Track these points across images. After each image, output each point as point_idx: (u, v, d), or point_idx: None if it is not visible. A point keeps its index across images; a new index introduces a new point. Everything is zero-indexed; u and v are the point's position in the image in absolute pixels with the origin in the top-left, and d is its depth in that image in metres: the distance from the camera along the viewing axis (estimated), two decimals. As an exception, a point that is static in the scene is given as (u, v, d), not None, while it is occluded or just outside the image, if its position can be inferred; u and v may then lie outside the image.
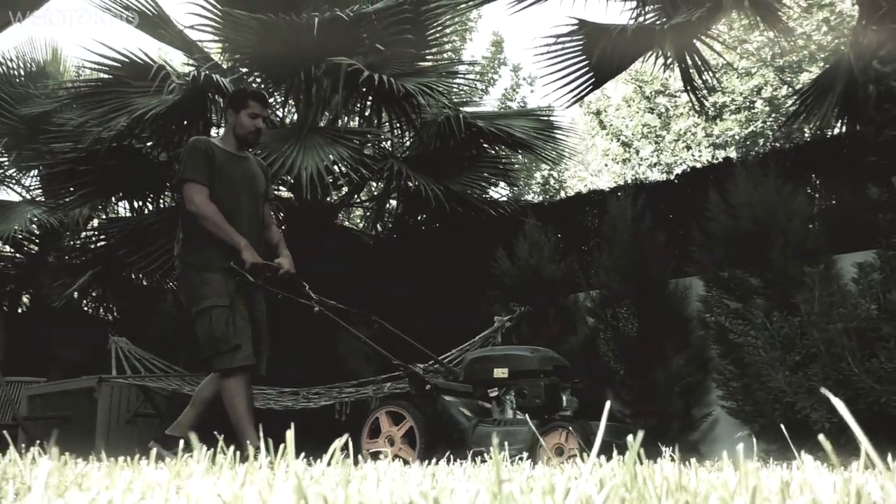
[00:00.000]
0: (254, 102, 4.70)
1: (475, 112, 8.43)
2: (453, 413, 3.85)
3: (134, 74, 7.18)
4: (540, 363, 3.92)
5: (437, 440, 3.82)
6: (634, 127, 17.04)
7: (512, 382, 3.89)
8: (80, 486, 1.15)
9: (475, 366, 4.03)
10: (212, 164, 4.48)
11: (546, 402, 3.78)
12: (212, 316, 4.33)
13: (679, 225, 6.56)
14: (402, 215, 8.21)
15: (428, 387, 3.92)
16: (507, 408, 3.90)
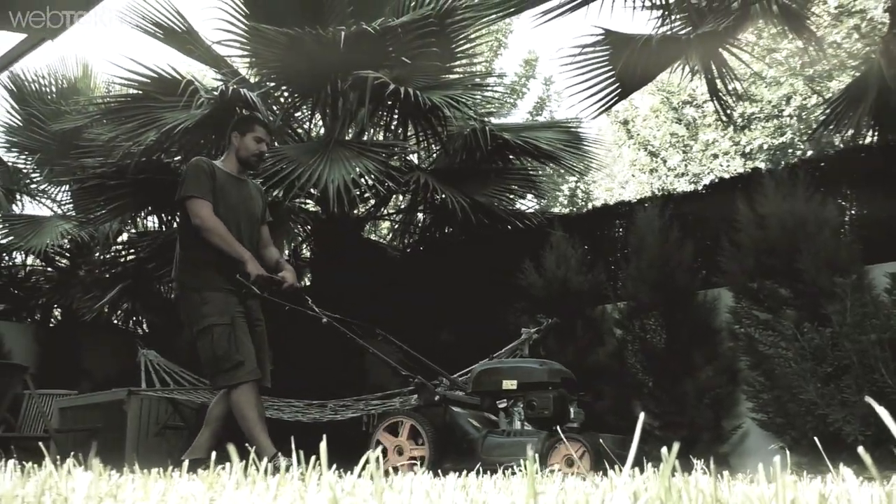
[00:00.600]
0: (260, 128, 4.83)
1: (501, 124, 8.45)
2: (462, 424, 3.90)
3: (163, 90, 7.26)
4: (548, 375, 3.97)
5: (447, 450, 3.86)
6: (662, 137, 16.96)
7: (521, 394, 3.94)
8: (115, 497, 1.16)
9: (484, 377, 4.07)
10: (213, 183, 4.57)
11: (554, 414, 3.83)
12: (213, 334, 4.40)
13: (707, 236, 6.51)
14: (429, 227, 8.22)
15: (437, 398, 3.94)
16: (516, 419, 3.95)
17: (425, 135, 7.94)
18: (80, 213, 8.45)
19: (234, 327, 4.42)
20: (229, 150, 4.86)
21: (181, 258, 4.68)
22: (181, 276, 4.66)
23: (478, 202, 6.95)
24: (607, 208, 7.55)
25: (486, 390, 4.03)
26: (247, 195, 4.79)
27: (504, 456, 3.72)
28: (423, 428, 3.83)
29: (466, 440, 3.83)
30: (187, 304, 4.58)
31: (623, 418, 6.16)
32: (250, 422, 4.34)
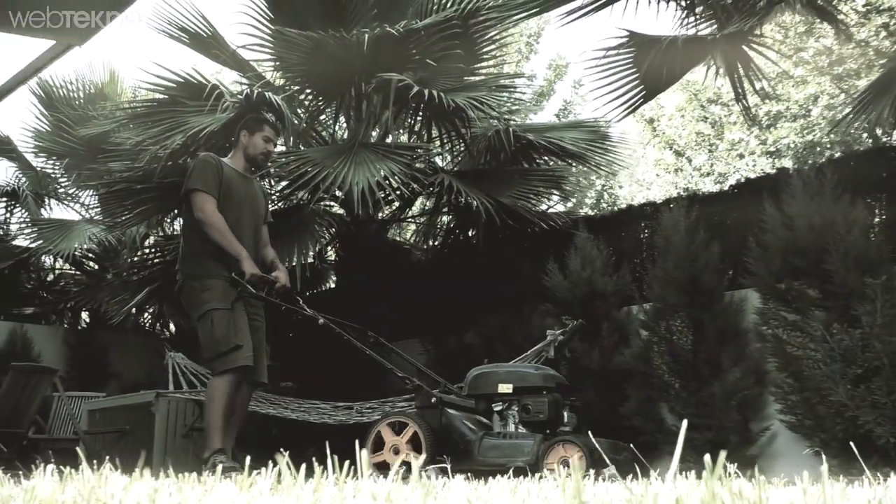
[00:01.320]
0: (269, 128, 4.97)
1: (525, 124, 8.43)
2: (458, 426, 3.96)
3: (189, 94, 7.32)
4: (543, 380, 4.04)
5: (442, 452, 3.89)
6: (687, 136, 16.86)
7: (516, 398, 3.99)
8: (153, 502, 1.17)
9: (479, 381, 4.13)
10: (220, 178, 4.70)
11: (549, 418, 3.89)
12: (213, 318, 4.53)
13: (734, 236, 6.46)
14: (453, 230, 8.22)
15: (433, 399, 3.98)
16: (510, 422, 4.00)
17: (449, 136, 7.95)
18: (107, 218, 8.52)
19: (233, 312, 4.54)
20: (237, 148, 4.97)
21: (184, 250, 4.84)
22: (183, 266, 4.82)
23: (502, 204, 6.94)
24: (632, 209, 7.53)
25: (482, 393, 4.10)
26: (252, 193, 4.92)
27: (501, 458, 3.78)
28: (424, 436, 3.87)
29: (463, 442, 3.89)
30: (188, 292, 4.74)
31: (649, 420, 6.13)
32: (215, 413, 4.47)
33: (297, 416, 6.12)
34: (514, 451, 3.77)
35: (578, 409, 4.12)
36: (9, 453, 7.06)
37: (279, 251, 7.11)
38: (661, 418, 6.17)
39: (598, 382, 6.42)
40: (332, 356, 7.56)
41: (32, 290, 11.57)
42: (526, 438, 3.81)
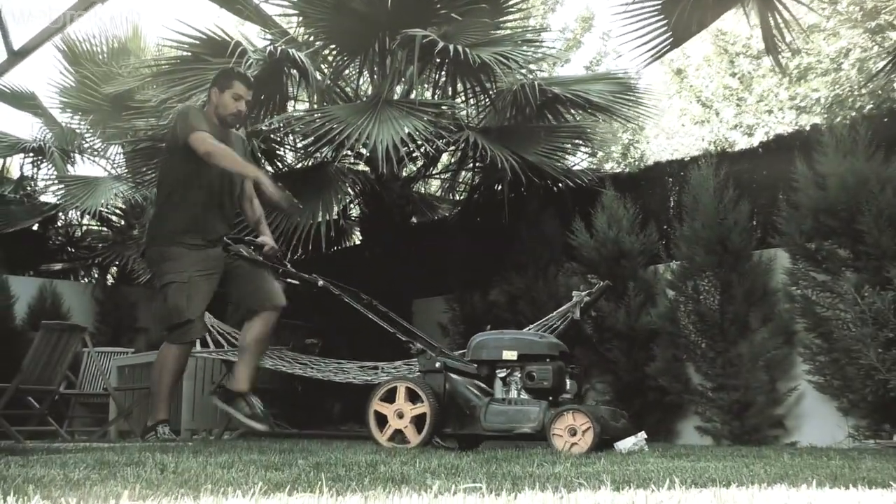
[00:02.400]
0: (239, 84, 4.81)
1: (551, 78, 8.30)
2: (463, 391, 3.97)
3: (212, 51, 7.26)
4: (548, 348, 4.03)
5: (447, 416, 3.94)
6: (715, 88, 16.56)
7: (520, 364, 3.98)
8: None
9: (483, 347, 4.11)
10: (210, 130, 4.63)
11: (553, 385, 3.89)
12: (167, 292, 4.63)
13: (763, 195, 6.36)
14: (478, 186, 8.16)
15: (437, 364, 3.98)
16: (513, 388, 3.99)
17: (474, 92, 7.85)
18: (132, 175, 8.53)
19: (189, 285, 4.60)
20: (208, 105, 4.88)
21: (154, 212, 4.91)
22: (150, 228, 4.89)
23: (528, 161, 6.86)
24: (659, 166, 7.41)
25: (485, 359, 4.09)
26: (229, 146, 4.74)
27: (507, 423, 3.79)
28: (421, 389, 3.91)
29: (469, 407, 3.91)
30: (150, 258, 4.81)
31: (675, 380, 6.11)
32: (163, 384, 4.66)
33: (322, 375, 6.15)
34: (520, 418, 3.79)
35: (579, 376, 4.14)
36: (41, 410, 7.19)
37: (303, 208, 7.14)
38: (687, 378, 6.14)
39: (625, 342, 6.40)
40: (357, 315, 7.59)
41: (60, 246, 11.68)
42: (532, 405, 3.82)
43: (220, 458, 2.33)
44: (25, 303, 10.05)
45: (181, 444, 3.64)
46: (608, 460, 2.52)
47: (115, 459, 2.12)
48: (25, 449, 3.51)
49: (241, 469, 2.00)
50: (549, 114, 7.98)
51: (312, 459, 2.31)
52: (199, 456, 2.43)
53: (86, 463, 2.04)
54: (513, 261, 7.23)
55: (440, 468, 2.10)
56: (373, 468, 2.08)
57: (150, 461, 2.09)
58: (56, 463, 2.02)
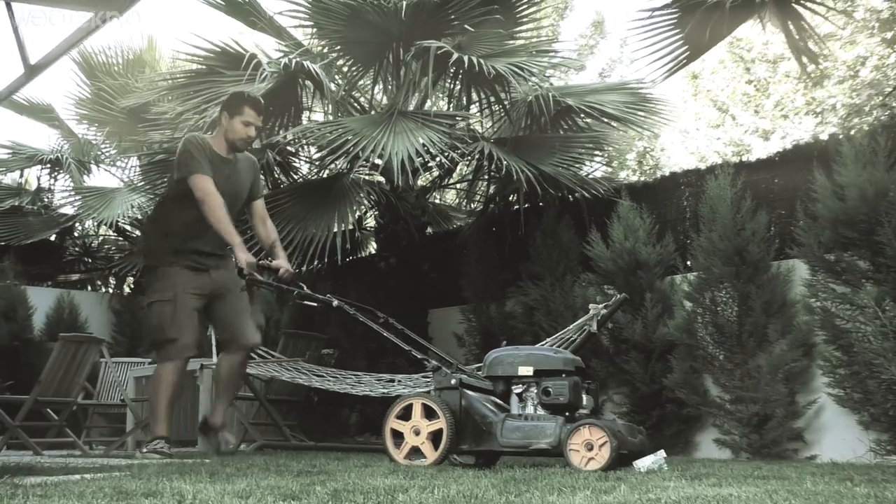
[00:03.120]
0: (249, 110, 4.93)
1: (565, 88, 8.27)
2: (479, 407, 3.94)
3: (227, 64, 7.29)
4: (563, 363, 3.98)
5: (464, 432, 3.90)
6: (731, 92, 16.46)
7: (536, 380, 3.95)
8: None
9: (499, 363, 4.08)
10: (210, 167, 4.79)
11: (570, 400, 3.85)
12: (154, 310, 4.76)
13: (781, 205, 6.32)
14: (493, 197, 8.14)
15: (453, 381, 3.96)
16: (529, 404, 3.96)
17: (489, 102, 7.84)
18: (148, 188, 8.56)
19: (174, 304, 4.72)
20: (219, 129, 4.99)
21: (149, 229, 5.12)
22: (143, 247, 5.04)
23: (543, 171, 6.84)
24: (676, 176, 7.37)
25: (501, 375, 4.06)
26: (234, 178, 4.95)
27: (524, 439, 3.76)
28: (437, 404, 3.88)
29: (485, 423, 3.87)
30: (146, 277, 4.97)
31: (693, 392, 6.07)
32: (160, 401, 4.72)
33: (339, 388, 6.15)
34: (536, 434, 3.75)
35: (595, 391, 4.10)
36: (59, 421, 7.22)
37: (319, 220, 7.15)
38: (705, 390, 6.10)
39: (642, 354, 6.37)
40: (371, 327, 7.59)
41: (77, 257, 11.74)
42: (548, 420, 3.78)
43: (237, 484, 2.32)
44: (43, 313, 10.11)
45: (198, 464, 3.64)
46: (628, 485, 2.50)
47: (132, 488, 2.11)
48: (44, 468, 3.52)
49: (259, 498, 1.99)
50: (564, 123, 7.96)
51: (330, 486, 2.29)
52: (216, 482, 2.42)
53: (104, 492, 2.04)
54: (529, 271, 7.21)
55: (459, 497, 2.08)
56: (391, 497, 2.07)
57: (167, 490, 2.09)
58: (74, 493, 2.01)
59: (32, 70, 7.95)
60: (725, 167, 6.40)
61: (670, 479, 2.86)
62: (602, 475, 3.05)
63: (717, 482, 2.73)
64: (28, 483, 2.48)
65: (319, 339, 7.42)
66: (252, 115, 4.90)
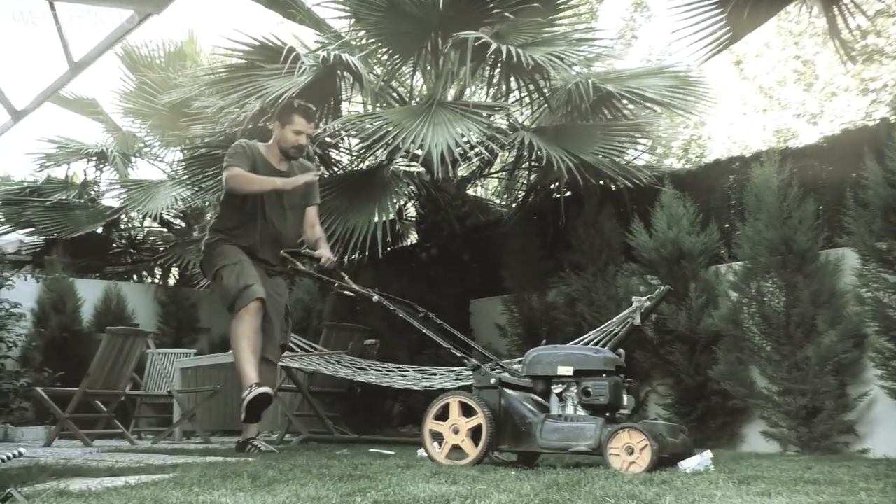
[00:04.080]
0: (299, 119, 5.04)
1: (605, 74, 8.16)
2: (518, 407, 3.89)
3: (266, 58, 7.31)
4: (603, 363, 3.91)
5: (503, 432, 3.87)
6: (777, 75, 16.12)
7: (575, 380, 3.89)
8: None
9: (538, 362, 4.02)
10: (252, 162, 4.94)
11: (610, 401, 3.79)
12: (222, 274, 4.88)
13: (830, 192, 6.16)
14: (534, 186, 8.07)
15: (493, 381, 3.92)
16: (569, 404, 3.90)
17: (528, 91, 7.75)
18: (190, 181, 8.64)
19: (241, 264, 4.86)
20: (273, 138, 5.14)
21: (212, 224, 5.19)
22: (206, 238, 5.13)
23: (584, 160, 6.75)
24: (720, 164, 7.23)
25: (540, 375, 4.00)
26: None
27: (563, 441, 3.71)
28: (474, 401, 3.86)
29: (524, 424, 3.83)
30: (205, 261, 5.10)
31: (739, 384, 5.97)
32: (240, 352, 4.77)
33: (382, 381, 6.16)
34: (576, 435, 3.70)
35: (636, 391, 4.03)
36: (108, 413, 7.35)
37: (360, 211, 7.16)
38: (751, 382, 6.00)
39: (686, 345, 6.28)
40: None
41: (123, 249, 11.91)
42: (588, 422, 3.73)
43: (278, 495, 2.31)
44: (92, 305, 10.27)
45: (242, 464, 3.66)
46: (674, 494, 2.45)
47: (172, 501, 2.11)
48: (90, 469, 3.57)
49: (299, 514, 1.98)
50: (605, 110, 7.85)
51: (371, 497, 2.28)
52: (256, 492, 2.42)
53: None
54: (570, 261, 7.14)
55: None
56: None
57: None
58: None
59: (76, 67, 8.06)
60: (771, 154, 6.25)
61: (717, 483, 2.81)
62: (647, 479, 3.00)
63: (765, 489, 2.67)
64: (72, 490, 2.51)
65: (362, 330, 7.44)
66: (302, 123, 5.01)
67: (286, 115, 5.04)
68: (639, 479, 2.96)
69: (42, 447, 6.41)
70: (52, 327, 9.67)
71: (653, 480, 2.94)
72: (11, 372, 8.56)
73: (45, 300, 9.84)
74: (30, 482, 2.82)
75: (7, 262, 9.11)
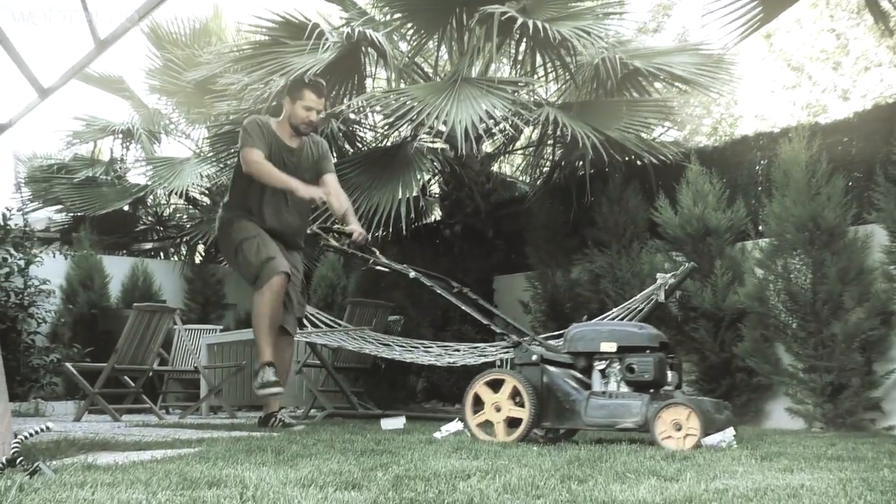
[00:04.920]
0: (309, 94, 5.00)
1: (632, 50, 8.07)
2: (561, 384, 3.84)
3: (290, 34, 7.29)
4: (648, 339, 3.87)
5: (546, 410, 3.83)
6: (808, 51, 15.86)
7: (619, 356, 3.85)
8: None
9: (581, 338, 3.97)
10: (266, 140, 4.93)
11: (655, 378, 3.75)
12: (243, 248, 4.91)
13: (858, 168, 6.08)
14: (559, 163, 8.03)
15: (535, 357, 3.88)
16: (612, 381, 3.86)
17: (554, 66, 7.69)
18: (216, 158, 8.67)
19: (260, 236, 4.90)
20: (283, 114, 5.11)
21: (225, 202, 5.24)
22: (221, 215, 5.18)
23: (609, 137, 6.70)
24: (747, 140, 7.15)
25: (583, 351, 3.96)
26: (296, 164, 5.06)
27: (609, 418, 3.68)
28: (526, 390, 3.80)
29: (568, 401, 3.79)
30: (222, 238, 5.16)
31: (765, 361, 5.93)
32: (260, 327, 4.84)
33: (406, 357, 6.18)
34: (622, 412, 3.68)
35: (678, 367, 3.99)
36: (135, 388, 7.44)
37: (384, 188, 7.16)
38: (777, 359, 5.96)
39: (711, 322, 6.25)
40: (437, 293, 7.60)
41: (150, 226, 12.01)
42: (634, 399, 3.70)
43: (301, 469, 2.34)
44: (119, 282, 10.38)
45: (266, 438, 3.70)
46: (695, 470, 2.45)
47: (197, 476, 2.14)
48: (117, 443, 3.62)
49: (321, 487, 2.00)
50: (631, 88, 7.78)
51: (392, 471, 2.30)
52: (280, 466, 2.45)
53: (169, 480, 2.08)
54: (595, 238, 7.11)
55: (520, 485, 2.06)
56: (452, 485, 2.06)
57: (230, 478, 2.11)
58: (141, 481, 2.05)
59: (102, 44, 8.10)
60: (800, 129, 6.17)
61: (739, 460, 2.80)
62: (668, 454, 3.00)
63: (788, 465, 2.66)
64: (99, 463, 2.55)
65: (386, 306, 7.46)
66: (313, 98, 4.96)
67: (296, 91, 5.01)
68: (660, 455, 2.96)
69: (72, 422, 6.51)
70: (80, 304, 9.79)
71: (674, 456, 2.94)
72: (41, 348, 8.69)
73: (74, 277, 9.95)
74: (58, 456, 2.87)
75: (36, 240, 9.23)
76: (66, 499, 1.77)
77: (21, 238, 8.62)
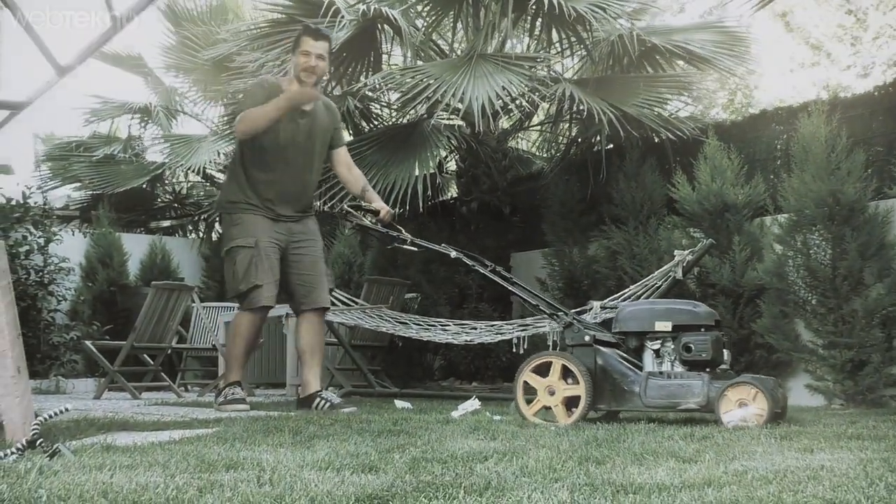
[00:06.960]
0: (306, 38, 4.72)
1: (650, 27, 7.99)
2: (616, 365, 3.77)
3: (306, 12, 7.26)
4: (704, 317, 3.81)
5: (602, 392, 3.77)
6: (826, 27, 15.63)
7: (673, 335, 3.79)
8: None
9: (633, 318, 3.91)
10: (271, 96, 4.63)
11: (713, 356, 3.69)
12: (235, 257, 4.66)
13: (879, 142, 6.01)
14: (575, 139, 7.98)
15: (588, 338, 3.82)
16: (667, 361, 3.79)
17: (570, 42, 7.63)
18: (232, 136, 8.66)
19: (257, 250, 4.64)
20: (290, 71, 4.90)
21: (227, 176, 5.06)
22: (222, 194, 5.01)
23: (626, 113, 6.65)
24: (766, 115, 7.08)
25: (636, 331, 3.89)
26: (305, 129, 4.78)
27: (669, 399, 3.62)
28: (577, 367, 3.74)
29: (626, 382, 3.72)
30: (223, 223, 4.96)
31: (784, 338, 5.90)
32: (236, 348, 4.78)
33: (423, 335, 6.19)
34: (683, 393, 3.60)
35: (729, 345, 3.91)
36: (154, 366, 7.50)
37: (400, 166, 7.14)
38: (796, 335, 5.93)
39: (729, 299, 6.21)
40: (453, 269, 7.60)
41: (168, 203, 12.05)
42: (693, 379, 3.62)
43: (318, 451, 2.35)
44: (138, 259, 10.43)
45: (283, 418, 3.72)
46: (714, 451, 2.44)
47: (215, 458, 2.16)
48: (136, 423, 3.65)
49: (338, 469, 2.01)
50: (648, 64, 7.71)
51: (409, 453, 2.30)
52: (297, 448, 2.47)
53: (187, 461, 2.09)
54: (612, 214, 7.08)
55: (537, 467, 2.06)
56: (469, 467, 2.06)
57: (248, 461, 2.13)
58: (159, 463, 2.07)
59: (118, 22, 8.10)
60: (819, 104, 6.09)
61: (759, 440, 2.79)
62: (687, 434, 3.00)
63: (807, 444, 2.64)
64: (118, 444, 2.57)
65: (402, 284, 7.46)
66: (310, 42, 4.67)
67: (295, 42, 4.78)
68: (679, 435, 2.96)
69: (92, 399, 6.58)
70: (99, 281, 9.85)
71: (693, 436, 2.94)
72: (61, 325, 8.76)
73: (93, 254, 10.01)
74: (78, 436, 2.90)
75: (55, 217, 9.28)
76: (84, 482, 1.79)
77: (41, 216, 8.67)
